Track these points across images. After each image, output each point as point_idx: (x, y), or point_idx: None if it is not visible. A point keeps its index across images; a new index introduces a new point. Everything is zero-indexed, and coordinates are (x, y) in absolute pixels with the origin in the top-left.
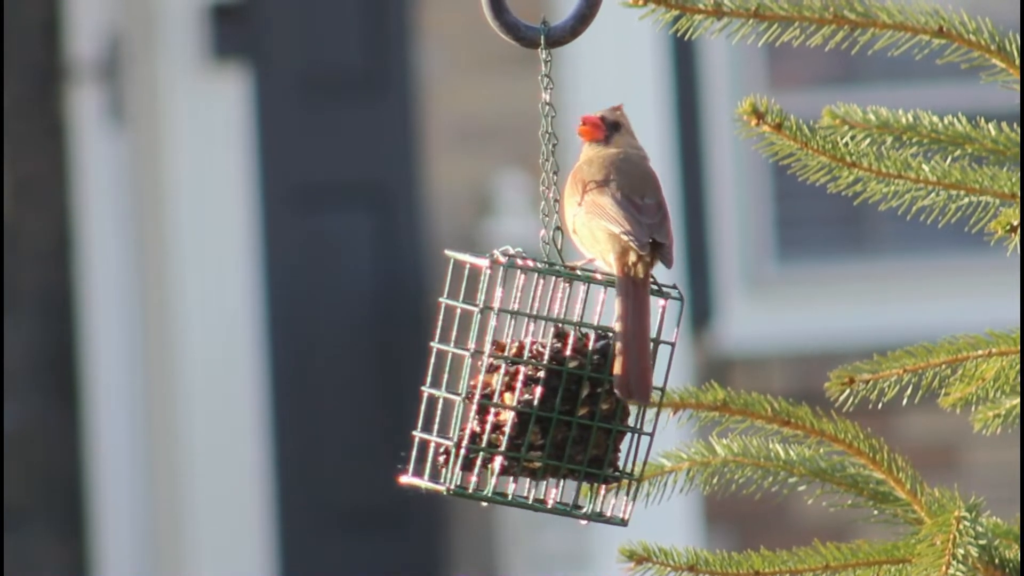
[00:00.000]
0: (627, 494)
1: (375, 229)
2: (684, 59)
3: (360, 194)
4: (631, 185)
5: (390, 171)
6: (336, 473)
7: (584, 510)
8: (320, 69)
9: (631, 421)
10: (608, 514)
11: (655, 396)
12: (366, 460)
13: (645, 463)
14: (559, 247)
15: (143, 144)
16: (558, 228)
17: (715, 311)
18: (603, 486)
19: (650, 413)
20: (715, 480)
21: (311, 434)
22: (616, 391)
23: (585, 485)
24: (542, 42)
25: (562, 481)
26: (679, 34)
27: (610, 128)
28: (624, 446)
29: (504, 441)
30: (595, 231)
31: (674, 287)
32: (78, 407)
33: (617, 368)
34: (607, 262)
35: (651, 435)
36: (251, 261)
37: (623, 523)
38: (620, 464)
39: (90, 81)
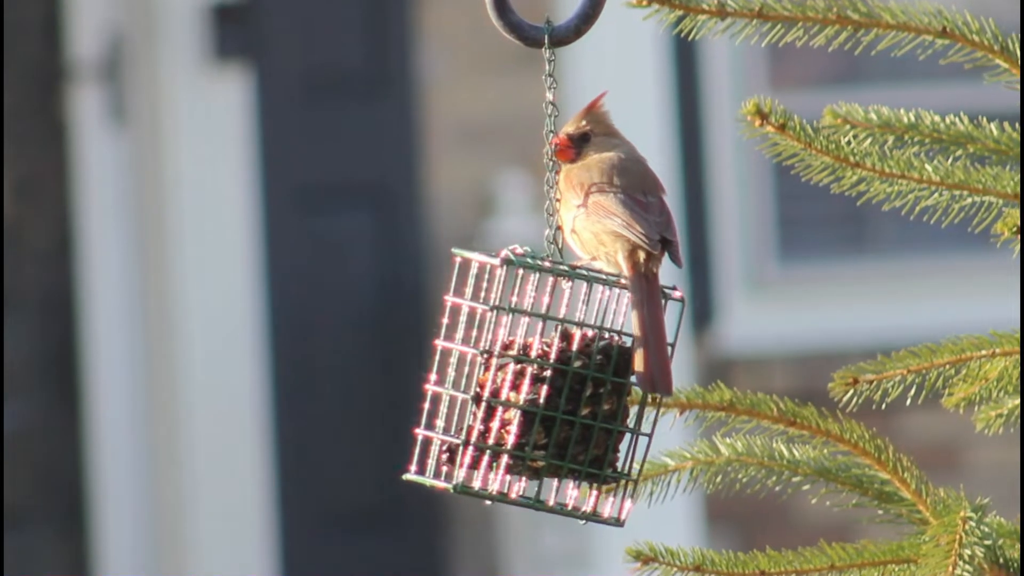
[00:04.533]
0: (625, 495)
1: (377, 229)
2: (685, 58)
3: (362, 194)
4: (633, 183)
5: (392, 171)
6: (336, 473)
7: (582, 510)
8: (322, 69)
9: (630, 422)
10: (605, 515)
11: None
12: (366, 460)
13: (643, 464)
14: (559, 247)
15: (144, 144)
16: (558, 228)
17: (717, 311)
18: (602, 486)
19: (650, 414)
20: (719, 479)
21: (312, 434)
22: (640, 386)
23: (584, 485)
24: (546, 42)
25: (562, 481)
26: (682, 34)
27: (577, 144)
28: (623, 447)
29: (510, 440)
30: (600, 232)
31: (674, 288)
32: (79, 407)
33: (639, 364)
34: (614, 262)
35: (649, 436)
36: (252, 262)
37: (619, 524)
38: (619, 465)
39: (91, 81)
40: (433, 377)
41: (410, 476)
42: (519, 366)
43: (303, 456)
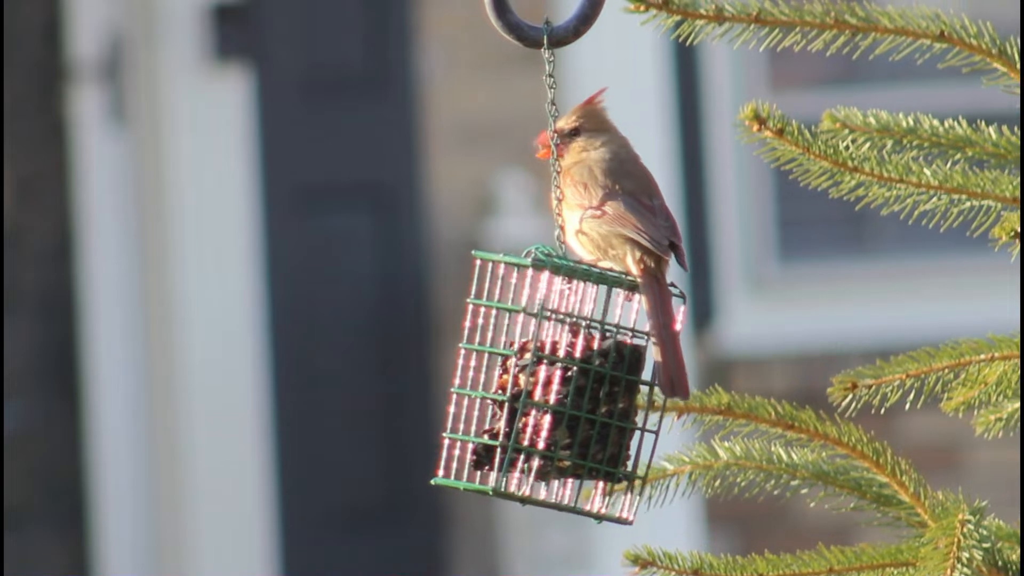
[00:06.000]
0: (634, 493)
1: (376, 229)
2: (686, 59)
3: (361, 194)
4: (637, 187)
5: (391, 171)
6: (336, 473)
7: (597, 509)
8: (321, 69)
9: (638, 420)
10: (617, 514)
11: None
12: (366, 460)
13: (650, 462)
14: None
15: (144, 144)
16: (560, 227)
17: (717, 311)
18: (617, 485)
19: (656, 412)
20: (717, 483)
21: (312, 434)
22: (660, 391)
23: (601, 484)
24: (545, 42)
25: (583, 480)
26: (680, 38)
27: (566, 138)
28: (632, 445)
29: (541, 441)
30: (609, 235)
31: (672, 285)
32: (79, 407)
33: (658, 369)
34: (623, 265)
35: (656, 434)
36: (252, 261)
37: (629, 523)
38: (629, 464)
39: (91, 81)
40: (456, 381)
41: (439, 480)
42: (549, 366)
43: (303, 456)
